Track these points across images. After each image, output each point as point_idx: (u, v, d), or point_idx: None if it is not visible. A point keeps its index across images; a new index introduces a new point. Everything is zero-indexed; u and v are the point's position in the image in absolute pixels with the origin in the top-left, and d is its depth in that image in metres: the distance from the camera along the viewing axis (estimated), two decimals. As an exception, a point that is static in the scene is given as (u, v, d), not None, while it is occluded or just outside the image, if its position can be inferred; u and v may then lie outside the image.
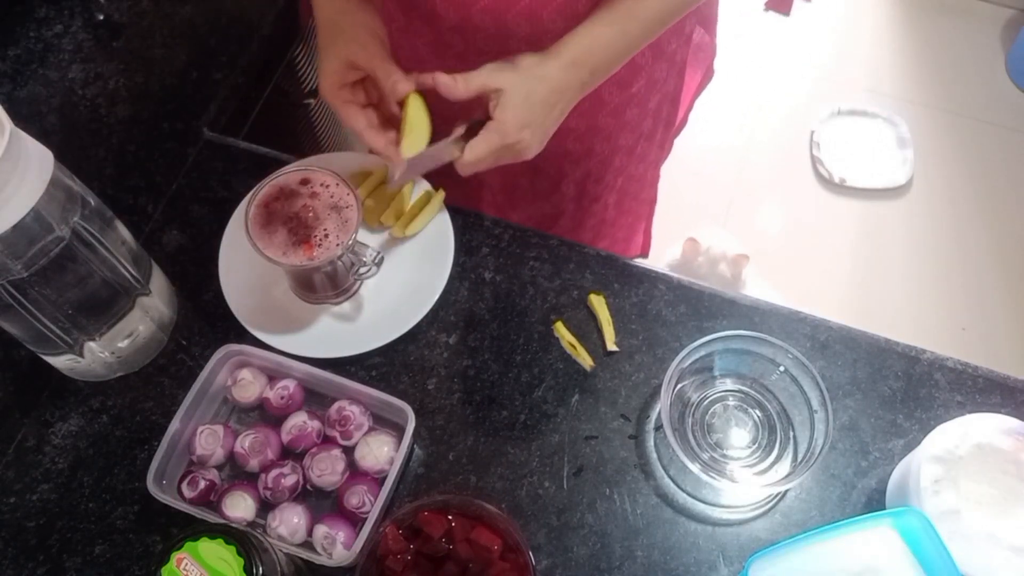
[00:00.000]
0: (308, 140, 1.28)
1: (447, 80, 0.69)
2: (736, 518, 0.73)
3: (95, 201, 0.68)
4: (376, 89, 0.74)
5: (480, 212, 0.87)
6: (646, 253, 1.23)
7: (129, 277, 0.73)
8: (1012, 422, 0.67)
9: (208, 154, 0.91)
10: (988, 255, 1.94)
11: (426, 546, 0.65)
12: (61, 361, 0.75)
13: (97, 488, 0.74)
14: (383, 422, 0.75)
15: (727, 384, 0.77)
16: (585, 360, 0.79)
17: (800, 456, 0.72)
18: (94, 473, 0.74)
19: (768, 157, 2.08)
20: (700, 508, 0.73)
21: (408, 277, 0.82)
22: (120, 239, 0.71)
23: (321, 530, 0.69)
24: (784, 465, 0.74)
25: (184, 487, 0.71)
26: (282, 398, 0.75)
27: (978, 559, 0.62)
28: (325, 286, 0.79)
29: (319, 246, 0.72)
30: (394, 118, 0.74)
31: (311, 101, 1.23)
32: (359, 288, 0.82)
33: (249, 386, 0.75)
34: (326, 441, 0.74)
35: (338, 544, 0.68)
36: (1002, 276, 1.91)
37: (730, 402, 0.77)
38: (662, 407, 0.71)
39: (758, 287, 1.75)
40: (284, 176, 0.75)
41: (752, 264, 1.74)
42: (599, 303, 0.81)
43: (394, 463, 0.70)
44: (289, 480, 0.71)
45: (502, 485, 0.74)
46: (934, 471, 0.65)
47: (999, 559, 0.62)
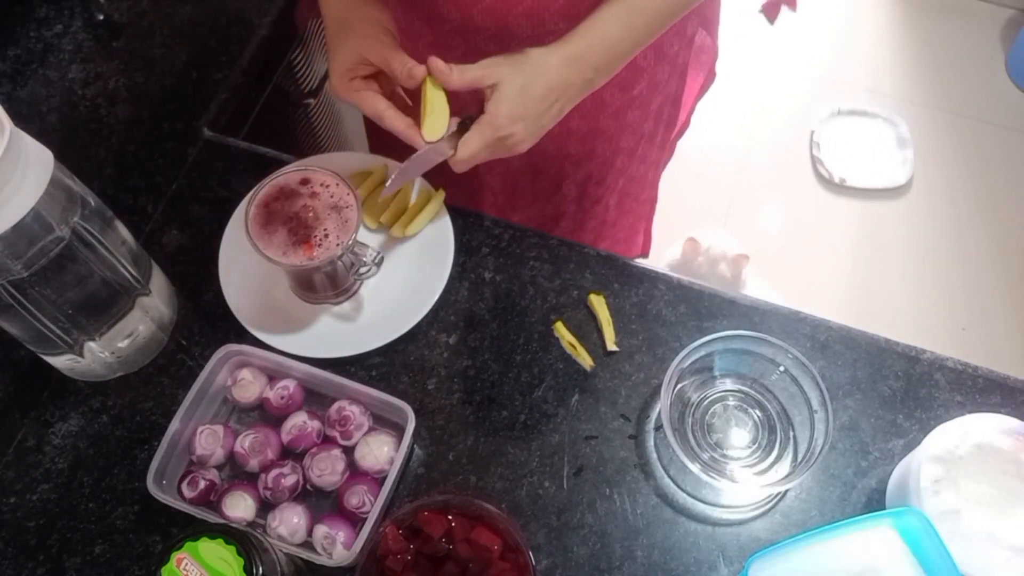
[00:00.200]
0: (308, 140, 1.28)
1: (442, 67, 0.68)
2: (736, 518, 0.73)
3: (95, 201, 0.68)
4: (387, 83, 0.74)
5: (480, 212, 0.87)
6: (646, 253, 1.23)
7: (129, 277, 0.73)
8: (1012, 422, 0.67)
9: (208, 154, 0.91)
10: (988, 255, 1.94)
11: (426, 546, 0.65)
12: (61, 361, 0.75)
13: (97, 488, 0.74)
14: (383, 422, 0.75)
15: (727, 384, 0.77)
16: (585, 360, 0.79)
17: (800, 456, 0.72)
18: (94, 473, 0.74)
19: (768, 157, 2.08)
20: (700, 508, 0.73)
21: (408, 277, 0.82)
22: (120, 239, 0.71)
23: (321, 530, 0.69)
24: (784, 465, 0.74)
25: (184, 487, 0.71)
26: (282, 398, 0.75)
27: (978, 559, 0.62)
28: (325, 286, 0.79)
29: (319, 246, 0.72)
30: (408, 110, 0.73)
31: (311, 101, 1.23)
32: (359, 288, 0.82)
33: (249, 386, 0.75)
34: (326, 441, 0.74)
35: (338, 544, 0.68)
36: (1002, 276, 1.91)
37: (730, 402, 0.77)
38: (662, 407, 0.71)
39: (758, 287, 1.75)
40: (284, 176, 0.75)
41: (752, 264, 1.74)
42: (599, 303, 0.81)
43: (394, 463, 0.70)
44: (289, 480, 0.71)
45: (502, 485, 0.74)
46: (934, 471, 0.65)
47: (999, 559, 0.62)
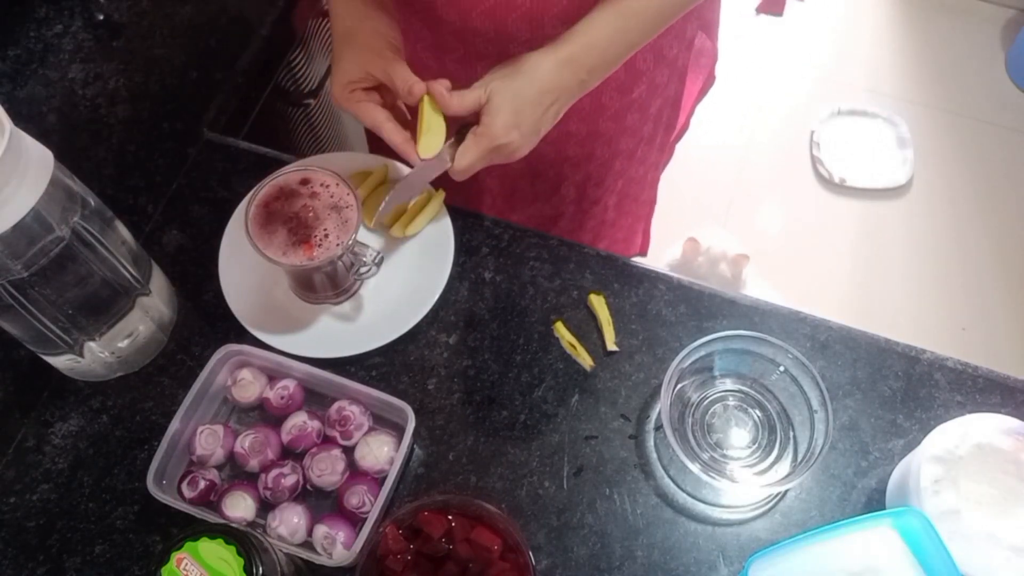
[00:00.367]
0: (308, 140, 1.28)
1: (442, 92, 0.69)
2: (736, 518, 0.73)
3: (95, 201, 0.68)
4: (389, 95, 0.75)
5: (480, 212, 0.87)
6: (645, 252, 1.24)
7: (129, 277, 0.73)
8: (1012, 422, 0.67)
9: (208, 154, 0.91)
10: (988, 255, 1.94)
11: (426, 546, 0.65)
12: (61, 361, 0.75)
13: (97, 488, 0.74)
14: (383, 422, 0.75)
15: (727, 384, 0.77)
16: (585, 360, 0.79)
17: (800, 456, 0.72)
18: (94, 473, 0.74)
19: (768, 157, 2.08)
20: (700, 508, 0.73)
21: (408, 277, 0.82)
22: (120, 239, 0.71)
23: (321, 530, 0.69)
24: (784, 465, 0.74)
25: (184, 487, 0.71)
26: (282, 398, 0.75)
27: (978, 559, 0.62)
28: (325, 286, 0.79)
29: (319, 246, 0.72)
30: (407, 123, 0.74)
31: (311, 101, 1.23)
32: (359, 288, 0.82)
33: (249, 386, 0.75)
34: (326, 441, 0.74)
35: (338, 544, 0.68)
36: (1002, 276, 1.91)
37: (730, 402, 0.77)
38: (662, 407, 0.71)
39: (758, 287, 1.75)
40: (284, 176, 0.75)
41: (752, 264, 1.74)
42: (599, 303, 0.81)
43: (394, 463, 0.70)
44: (289, 480, 0.71)
45: (502, 485, 0.74)
46: (934, 471, 0.65)
47: (999, 559, 0.62)
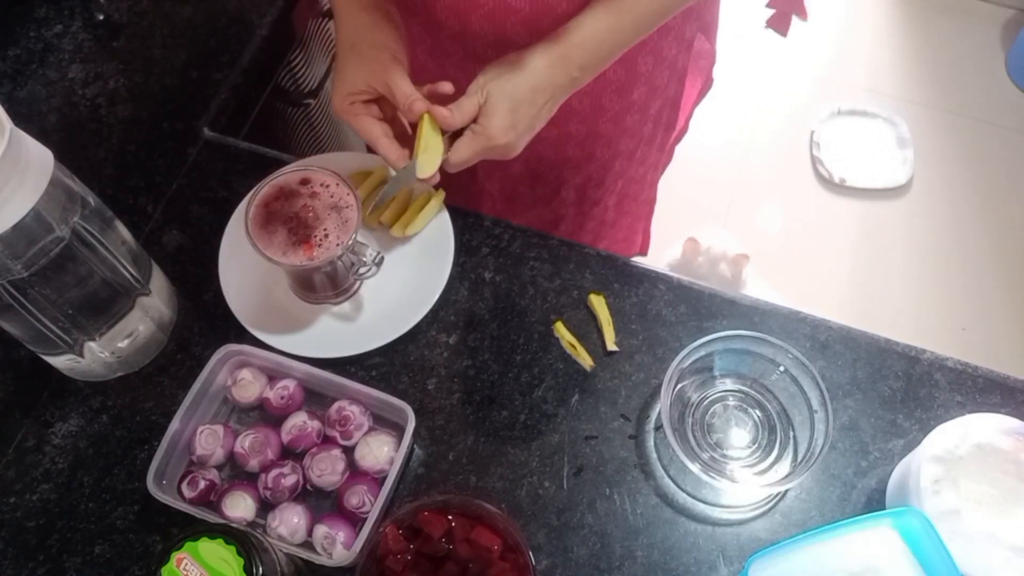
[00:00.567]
0: (308, 140, 1.28)
1: (444, 114, 0.70)
2: (736, 518, 0.73)
3: (95, 201, 0.68)
4: (389, 108, 0.75)
5: (480, 212, 0.87)
6: (645, 252, 1.24)
7: (129, 277, 0.73)
8: (1012, 422, 0.67)
9: (208, 154, 0.91)
10: (988, 255, 1.93)
11: (426, 546, 0.65)
12: (61, 361, 0.75)
13: (97, 488, 0.74)
14: (383, 422, 0.75)
15: (727, 384, 0.77)
16: (585, 360, 0.79)
17: (800, 456, 0.72)
18: (94, 473, 0.74)
19: (768, 157, 2.08)
20: (700, 508, 0.73)
21: (408, 277, 0.82)
22: (120, 239, 0.71)
23: (321, 530, 0.69)
24: (784, 465, 0.74)
25: (184, 487, 0.71)
26: (282, 398, 0.75)
27: (978, 559, 0.62)
28: (325, 286, 0.79)
29: (319, 246, 0.72)
30: (406, 136, 0.75)
31: (311, 101, 1.23)
32: (359, 288, 0.82)
33: (249, 386, 0.75)
34: (326, 441, 0.74)
35: (338, 544, 0.68)
36: (1002, 276, 1.91)
37: (730, 402, 0.77)
38: (662, 407, 0.71)
39: (758, 287, 1.75)
40: (284, 176, 0.75)
41: (752, 264, 1.74)
42: (599, 303, 0.81)
43: (394, 463, 0.70)
44: (289, 480, 0.71)
45: (502, 485, 0.74)
46: (934, 471, 0.65)
47: (999, 559, 0.62)
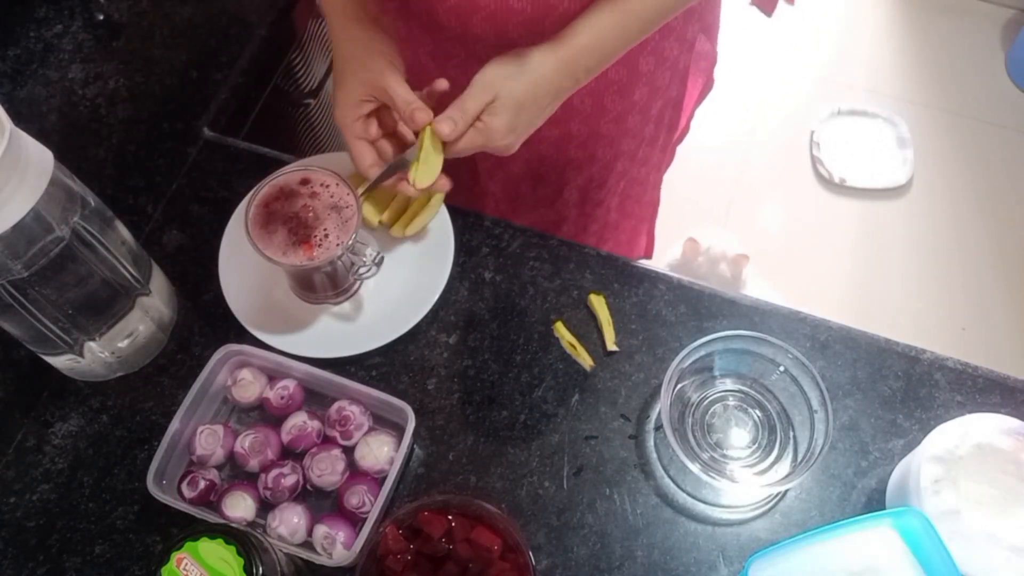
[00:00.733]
0: (308, 140, 1.28)
1: (445, 131, 0.70)
2: (736, 518, 0.73)
3: (95, 201, 0.68)
4: (391, 119, 0.75)
5: (480, 212, 0.87)
6: (650, 255, 1.23)
7: (129, 277, 0.73)
8: (1012, 422, 0.67)
9: (208, 154, 0.91)
10: (988, 255, 1.93)
11: (426, 546, 0.65)
12: (61, 361, 0.75)
13: (97, 488, 0.74)
14: (383, 422, 0.75)
15: (727, 384, 0.77)
16: (585, 360, 0.79)
17: (800, 456, 0.72)
18: (94, 473, 0.74)
19: (768, 157, 2.08)
20: (700, 508, 0.73)
21: (408, 277, 0.82)
22: (120, 239, 0.71)
23: (321, 530, 0.69)
24: (784, 465, 0.74)
25: (184, 487, 0.71)
26: (282, 398, 0.75)
27: (978, 559, 0.62)
28: (325, 286, 0.79)
29: (319, 246, 0.72)
30: (407, 145, 0.75)
31: (311, 101, 1.23)
32: (359, 288, 0.82)
33: (249, 386, 0.75)
34: (326, 441, 0.74)
35: (338, 544, 0.68)
36: (1002, 276, 1.91)
37: (730, 402, 0.77)
38: (662, 407, 0.71)
39: (758, 287, 1.75)
40: (284, 176, 0.75)
41: (752, 264, 1.74)
42: (599, 303, 0.81)
43: (394, 463, 0.70)
44: (289, 480, 0.71)
45: (502, 485, 0.74)
46: (934, 471, 0.65)
47: (999, 559, 0.62)
